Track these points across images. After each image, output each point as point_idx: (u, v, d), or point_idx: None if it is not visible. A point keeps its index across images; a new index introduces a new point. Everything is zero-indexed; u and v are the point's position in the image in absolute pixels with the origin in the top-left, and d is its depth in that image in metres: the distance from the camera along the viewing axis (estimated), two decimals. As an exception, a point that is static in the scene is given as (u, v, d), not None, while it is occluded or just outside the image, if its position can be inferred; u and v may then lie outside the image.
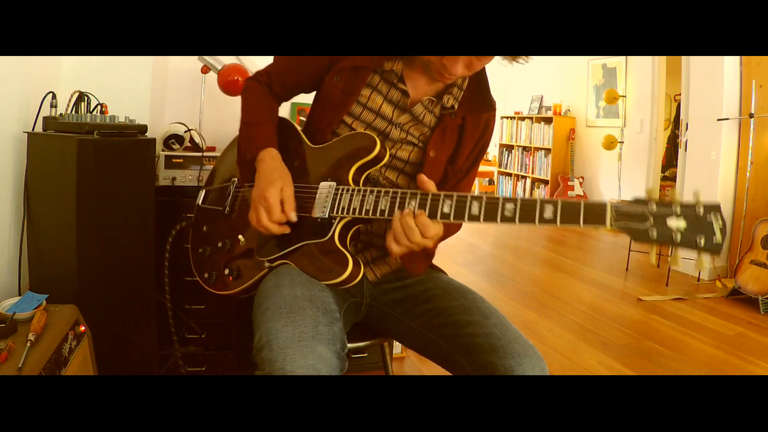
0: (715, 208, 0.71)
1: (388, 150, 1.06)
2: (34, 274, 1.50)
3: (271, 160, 1.04)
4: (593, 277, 3.51)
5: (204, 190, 1.28)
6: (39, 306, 1.20)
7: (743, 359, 2.27)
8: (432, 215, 0.89)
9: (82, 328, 1.26)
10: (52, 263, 1.44)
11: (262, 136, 1.08)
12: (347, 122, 1.08)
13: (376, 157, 1.02)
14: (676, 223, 0.72)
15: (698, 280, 3.48)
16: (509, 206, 0.83)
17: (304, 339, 0.80)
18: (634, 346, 2.38)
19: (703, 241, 0.71)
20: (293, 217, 1.00)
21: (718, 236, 0.70)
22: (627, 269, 3.70)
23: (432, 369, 1.82)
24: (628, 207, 0.74)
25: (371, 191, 0.96)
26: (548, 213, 0.79)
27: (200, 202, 1.27)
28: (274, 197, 0.98)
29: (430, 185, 0.93)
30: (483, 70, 1.12)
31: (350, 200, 0.98)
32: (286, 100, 1.20)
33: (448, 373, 0.99)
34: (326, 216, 0.99)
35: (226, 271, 1.11)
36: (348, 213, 0.97)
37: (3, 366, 0.98)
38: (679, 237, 0.72)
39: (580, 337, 2.46)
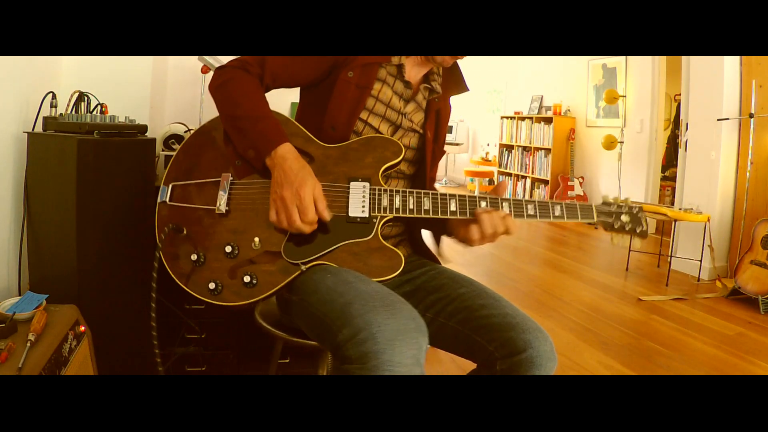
0: (641, 209, 1.12)
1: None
2: (34, 274, 1.50)
3: (295, 159, 1.00)
4: (593, 277, 3.51)
5: (170, 186, 1.10)
6: (39, 306, 1.20)
7: (743, 359, 2.27)
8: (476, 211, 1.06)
9: (82, 328, 1.26)
10: (52, 263, 1.44)
11: (273, 131, 1.02)
12: (362, 117, 1.10)
13: (400, 160, 1.07)
14: (626, 218, 1.11)
15: (698, 280, 3.48)
16: (530, 207, 1.08)
17: (408, 331, 0.83)
18: (634, 346, 2.38)
19: (639, 230, 1.11)
20: (328, 216, 1.00)
21: (645, 226, 1.11)
22: (627, 269, 3.70)
23: (431, 369, 1.81)
24: (602, 208, 1.11)
25: (410, 192, 1.04)
26: (558, 212, 1.07)
27: (168, 200, 1.09)
28: (308, 197, 0.97)
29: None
30: None
31: (390, 200, 1.03)
32: (268, 92, 1.13)
33: (445, 373, 0.99)
34: (367, 216, 1.02)
35: (246, 279, 1.01)
36: (390, 212, 1.02)
37: (3, 366, 0.98)
38: (627, 227, 1.11)
39: (580, 337, 2.46)
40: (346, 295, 0.89)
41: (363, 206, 1.02)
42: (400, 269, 1.00)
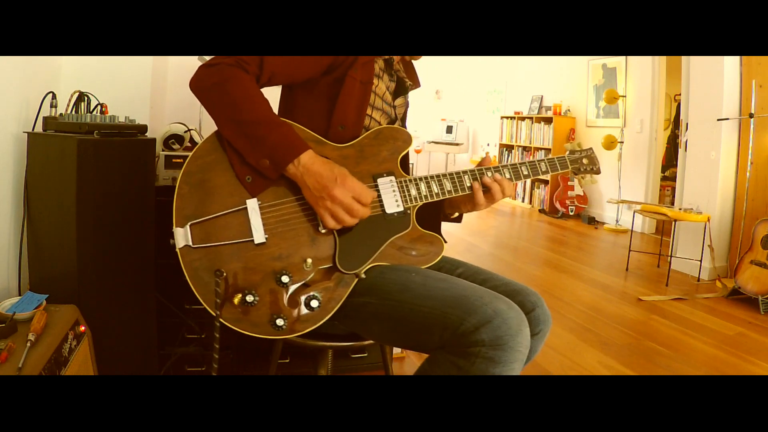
0: (591, 149, 1.28)
1: None
2: (34, 274, 1.50)
3: (322, 162, 0.97)
4: (593, 277, 3.51)
5: (187, 227, 0.95)
6: (39, 306, 1.20)
7: (743, 359, 2.27)
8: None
9: (82, 328, 1.26)
10: (52, 263, 1.44)
11: (294, 138, 0.97)
12: (367, 113, 1.12)
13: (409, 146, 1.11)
14: (586, 161, 1.26)
15: (698, 280, 3.48)
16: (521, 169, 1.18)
17: (523, 320, 0.90)
18: (634, 346, 2.38)
19: (595, 168, 1.27)
20: (373, 195, 1.03)
21: (598, 165, 1.28)
22: (627, 269, 3.70)
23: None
24: (571, 156, 1.26)
25: (431, 177, 1.09)
26: (544, 167, 1.19)
27: (191, 243, 0.94)
28: (357, 184, 0.98)
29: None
30: None
31: (417, 189, 1.07)
32: None
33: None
34: (403, 209, 1.06)
35: (313, 303, 0.95)
36: (420, 200, 1.07)
37: (3, 366, 0.98)
38: (589, 168, 1.26)
39: (580, 337, 2.46)
40: (452, 289, 0.93)
41: (397, 200, 1.05)
42: (444, 248, 1.07)
